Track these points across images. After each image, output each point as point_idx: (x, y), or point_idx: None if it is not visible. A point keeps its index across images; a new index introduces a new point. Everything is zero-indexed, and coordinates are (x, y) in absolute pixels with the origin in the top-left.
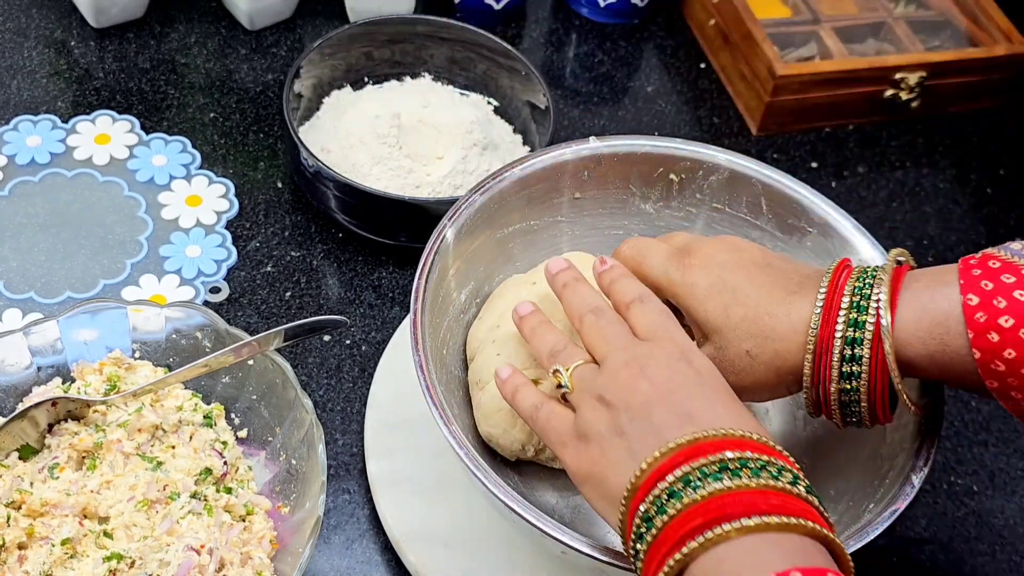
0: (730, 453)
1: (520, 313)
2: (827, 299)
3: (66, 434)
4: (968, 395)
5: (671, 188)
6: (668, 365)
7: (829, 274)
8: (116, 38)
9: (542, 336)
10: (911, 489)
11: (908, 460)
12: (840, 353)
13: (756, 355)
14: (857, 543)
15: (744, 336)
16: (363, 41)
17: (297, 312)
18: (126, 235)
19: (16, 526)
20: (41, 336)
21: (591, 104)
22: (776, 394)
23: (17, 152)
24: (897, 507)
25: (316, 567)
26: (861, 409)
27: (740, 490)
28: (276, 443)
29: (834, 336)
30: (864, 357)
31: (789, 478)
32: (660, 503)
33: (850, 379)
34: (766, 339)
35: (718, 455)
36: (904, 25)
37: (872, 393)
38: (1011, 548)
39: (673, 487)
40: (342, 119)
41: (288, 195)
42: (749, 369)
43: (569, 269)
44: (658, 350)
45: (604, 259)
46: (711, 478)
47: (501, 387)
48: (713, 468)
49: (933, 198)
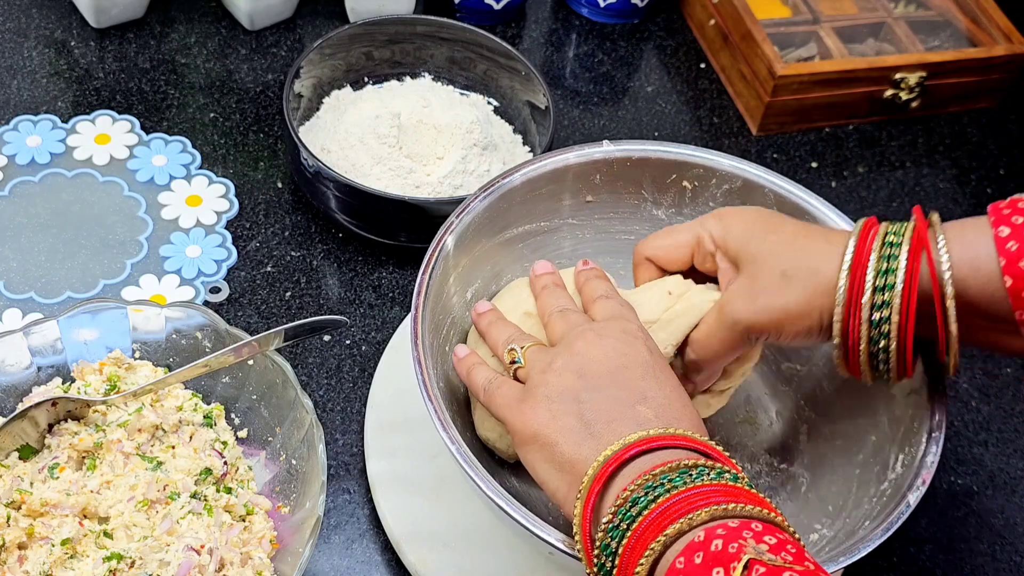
0: (687, 461)
1: (478, 311)
2: (862, 231)
3: (66, 434)
4: (968, 395)
5: (684, 195)
6: (624, 340)
7: (860, 224)
8: (116, 38)
9: (498, 329)
10: (907, 508)
11: (907, 478)
12: (875, 272)
13: (792, 275)
14: (848, 559)
15: (781, 258)
16: (363, 41)
17: (297, 312)
18: (126, 235)
19: (16, 526)
20: (41, 336)
21: (591, 104)
22: (800, 325)
23: (17, 152)
24: (891, 525)
25: (316, 567)
26: (889, 349)
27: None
28: (276, 443)
29: (868, 259)
30: (897, 283)
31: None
32: (626, 511)
33: (881, 308)
34: (803, 257)
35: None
36: (904, 25)
37: (903, 328)
38: (1011, 548)
39: (636, 495)
40: (342, 119)
41: (288, 195)
42: (781, 291)
43: (552, 274)
44: (614, 327)
45: (587, 261)
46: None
47: (457, 365)
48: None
49: (933, 198)
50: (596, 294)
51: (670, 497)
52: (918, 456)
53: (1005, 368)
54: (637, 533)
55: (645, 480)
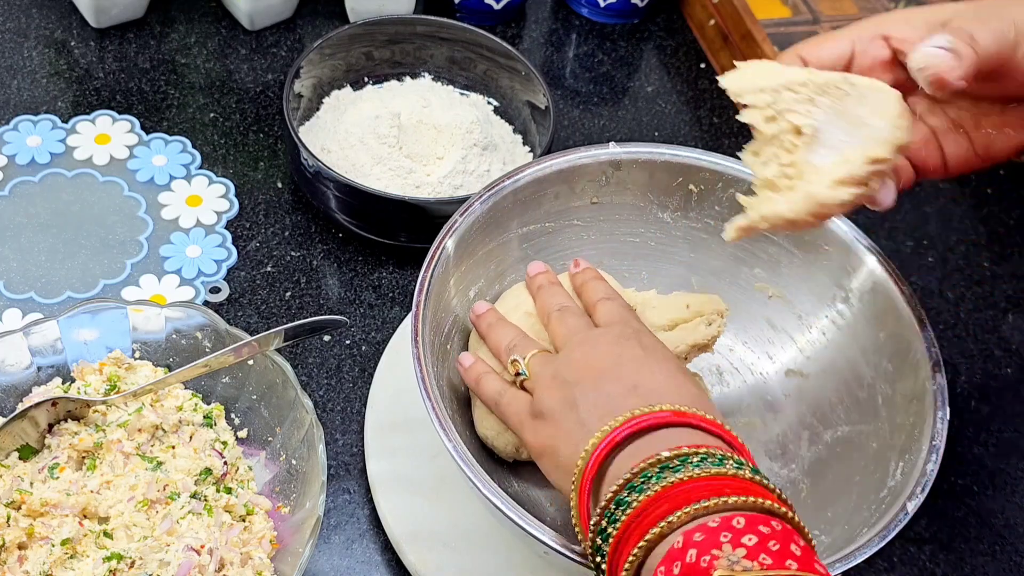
0: (666, 452)
1: (476, 312)
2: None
3: (66, 434)
4: (968, 395)
5: (690, 198)
6: (617, 343)
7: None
8: (116, 38)
9: (499, 331)
10: (904, 516)
11: (907, 486)
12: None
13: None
14: (844, 565)
15: None
16: (363, 41)
17: (297, 312)
18: (126, 235)
19: (16, 526)
20: (41, 336)
21: (591, 104)
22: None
23: (17, 152)
24: (888, 533)
25: (316, 567)
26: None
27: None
28: (276, 443)
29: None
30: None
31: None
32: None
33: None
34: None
35: (660, 454)
36: None
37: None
38: (1011, 548)
39: (632, 482)
40: (342, 119)
41: (288, 195)
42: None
43: (546, 273)
44: (610, 332)
45: (578, 261)
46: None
47: (464, 375)
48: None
49: (933, 198)
50: (596, 297)
51: (649, 498)
52: (918, 464)
53: (1005, 368)
54: (620, 536)
55: (627, 480)
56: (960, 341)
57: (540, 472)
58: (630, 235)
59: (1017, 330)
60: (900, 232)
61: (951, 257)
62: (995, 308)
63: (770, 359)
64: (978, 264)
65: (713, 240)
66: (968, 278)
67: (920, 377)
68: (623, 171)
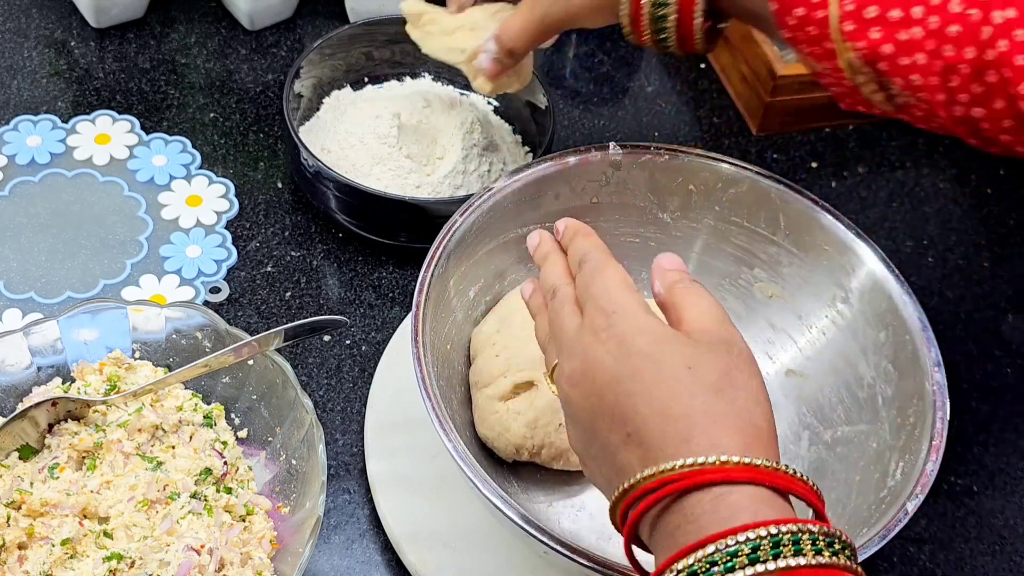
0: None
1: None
2: None
3: (66, 434)
4: (968, 395)
5: (689, 199)
6: (619, 357)
7: None
8: (116, 38)
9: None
10: (904, 516)
11: (906, 486)
12: None
13: None
14: None
15: None
16: (363, 41)
17: (297, 312)
18: (126, 235)
19: (16, 526)
20: (41, 336)
21: (591, 104)
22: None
23: (17, 152)
24: (888, 533)
25: (316, 567)
26: (669, 20)
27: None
28: (276, 443)
29: None
30: None
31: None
32: None
33: None
34: None
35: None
36: None
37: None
38: (1011, 548)
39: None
40: (342, 119)
41: (288, 195)
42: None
43: (543, 244)
44: (603, 337)
45: (558, 228)
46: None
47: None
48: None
49: (933, 198)
50: (581, 284)
51: None
52: (918, 464)
53: (1005, 368)
54: None
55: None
56: (960, 341)
57: (541, 471)
58: (631, 235)
59: (1017, 330)
60: (900, 232)
61: (951, 257)
62: (995, 308)
63: (770, 359)
64: (978, 264)
65: (713, 240)
66: (968, 278)
67: (920, 377)
68: (623, 171)
